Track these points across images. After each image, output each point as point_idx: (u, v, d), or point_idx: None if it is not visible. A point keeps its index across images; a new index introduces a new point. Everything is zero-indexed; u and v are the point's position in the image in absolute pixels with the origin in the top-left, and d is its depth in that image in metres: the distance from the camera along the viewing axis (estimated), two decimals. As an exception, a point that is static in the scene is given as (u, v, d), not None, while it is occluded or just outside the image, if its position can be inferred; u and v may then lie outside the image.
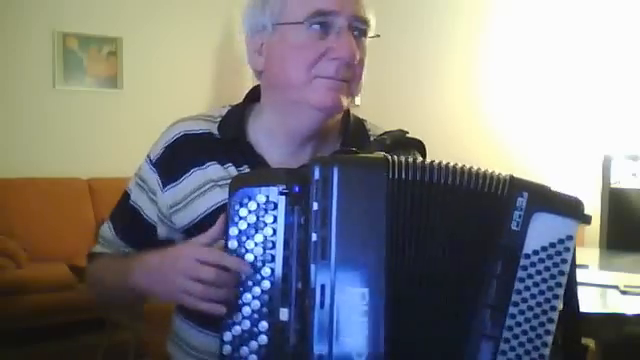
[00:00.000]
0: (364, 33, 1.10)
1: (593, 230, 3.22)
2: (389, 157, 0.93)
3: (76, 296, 3.54)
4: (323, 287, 0.87)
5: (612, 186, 2.97)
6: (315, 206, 0.89)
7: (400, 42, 4.55)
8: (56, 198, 4.41)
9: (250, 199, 0.92)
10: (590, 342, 3.02)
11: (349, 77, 1.08)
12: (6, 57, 4.54)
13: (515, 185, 0.92)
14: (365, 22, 1.09)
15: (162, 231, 1.18)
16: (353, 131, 1.18)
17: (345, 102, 1.09)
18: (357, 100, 5.76)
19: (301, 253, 0.90)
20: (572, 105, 3.64)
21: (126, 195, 1.23)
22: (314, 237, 0.88)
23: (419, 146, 1.19)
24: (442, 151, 1.13)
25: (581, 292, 1.88)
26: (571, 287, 0.96)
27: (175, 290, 0.96)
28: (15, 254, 3.96)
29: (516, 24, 3.93)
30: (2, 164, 4.44)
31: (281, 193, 0.91)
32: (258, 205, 0.92)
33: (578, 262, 2.31)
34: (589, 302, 1.81)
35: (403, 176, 0.91)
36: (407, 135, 1.18)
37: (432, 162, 0.93)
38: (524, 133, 3.86)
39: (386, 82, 4.67)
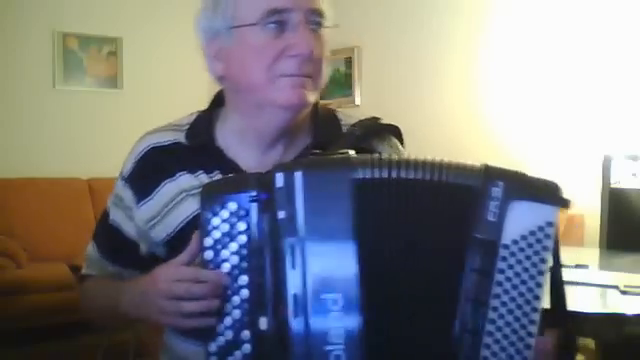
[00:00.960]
0: (321, 25, 1.07)
1: (593, 230, 3.22)
2: (353, 156, 0.91)
3: (76, 296, 3.53)
4: (295, 296, 0.86)
5: (612, 186, 2.96)
6: (282, 214, 0.87)
7: (400, 42, 4.55)
8: (56, 198, 4.42)
9: (222, 207, 0.90)
10: (590, 342, 3.02)
11: (311, 72, 1.06)
12: (6, 57, 4.54)
13: (490, 175, 0.89)
14: (320, 14, 1.06)
15: (144, 247, 1.17)
16: (323, 123, 1.15)
17: (311, 97, 1.07)
18: (357, 100, 5.75)
19: (274, 261, 0.88)
20: (572, 105, 3.64)
21: (106, 214, 1.23)
22: (283, 245, 0.87)
23: (395, 131, 1.17)
24: (442, 151, 1.12)
25: (581, 292, 1.88)
26: (557, 275, 0.94)
27: (155, 312, 0.96)
28: (15, 254, 3.96)
29: (516, 24, 3.93)
30: (2, 164, 4.45)
31: (252, 200, 0.90)
32: (230, 213, 0.90)
33: (578, 262, 2.31)
34: (589, 302, 1.81)
35: (369, 175, 0.89)
36: (380, 121, 1.17)
37: (400, 159, 0.90)
38: (524, 133, 3.85)
39: (386, 82, 4.67)
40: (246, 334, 0.89)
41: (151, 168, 1.14)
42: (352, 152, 0.94)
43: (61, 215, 4.34)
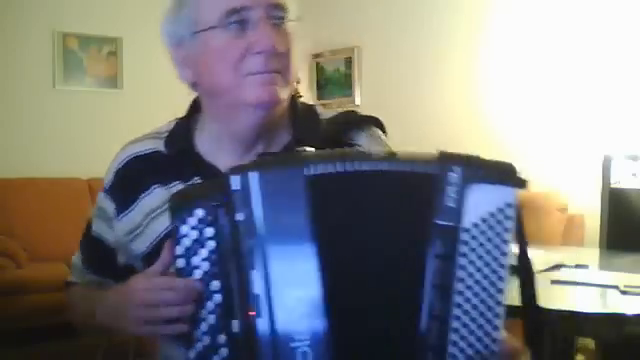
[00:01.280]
0: (284, 20, 1.06)
1: (593, 230, 3.22)
2: (306, 153, 0.91)
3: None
4: (258, 297, 0.87)
5: (612, 186, 2.97)
6: (240, 216, 0.88)
7: (400, 42, 4.55)
8: (56, 198, 4.41)
9: (190, 215, 0.90)
10: (590, 342, 3.02)
11: (279, 67, 1.05)
12: (6, 57, 4.54)
13: (445, 161, 0.89)
14: (282, 8, 1.05)
15: (122, 258, 1.18)
16: (302, 119, 1.15)
17: (283, 94, 1.06)
18: (357, 100, 5.75)
19: (239, 264, 0.89)
20: (572, 105, 3.64)
21: (88, 225, 1.23)
22: (243, 247, 0.88)
23: (376, 122, 1.17)
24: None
25: (581, 292, 1.88)
26: (523, 254, 0.94)
27: (132, 322, 0.97)
28: (15, 254, 3.96)
29: (516, 23, 3.93)
30: (2, 164, 4.44)
31: (218, 205, 0.90)
32: (198, 220, 0.90)
33: (578, 262, 2.30)
34: (589, 302, 1.81)
35: (322, 171, 0.88)
36: (359, 114, 1.17)
37: (353, 152, 0.91)
38: (524, 133, 3.86)
39: (386, 82, 4.67)
40: (222, 338, 0.90)
41: (130, 180, 1.15)
42: (311, 149, 0.93)
43: (61, 215, 4.33)
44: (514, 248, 0.93)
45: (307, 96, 5.08)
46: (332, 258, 0.88)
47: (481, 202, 0.87)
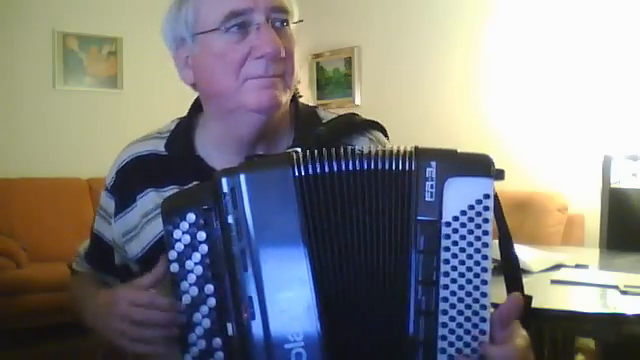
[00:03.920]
0: (286, 22, 1.05)
1: (593, 230, 3.22)
2: (293, 154, 0.91)
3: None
4: (250, 299, 0.88)
5: (612, 186, 2.97)
6: (230, 219, 0.89)
7: (400, 42, 4.55)
8: (56, 198, 4.42)
9: (181, 220, 0.91)
10: (590, 342, 3.02)
11: (280, 72, 1.04)
12: (6, 57, 4.54)
13: (421, 156, 0.90)
14: (284, 11, 1.04)
15: (117, 258, 1.18)
16: (304, 122, 1.14)
17: (283, 98, 1.05)
18: (357, 100, 5.74)
19: (231, 266, 0.90)
20: (572, 105, 3.64)
21: (93, 223, 1.23)
22: (235, 250, 0.89)
23: (377, 127, 1.17)
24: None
25: (581, 292, 1.88)
26: (506, 241, 0.95)
27: (111, 332, 0.98)
28: (15, 254, 3.96)
29: (516, 24, 3.93)
30: (2, 164, 4.45)
31: (208, 208, 0.91)
32: (190, 224, 0.91)
33: (578, 262, 2.30)
34: (589, 302, 1.81)
35: (310, 171, 0.89)
36: (361, 118, 1.17)
37: (337, 151, 0.91)
38: (524, 133, 3.86)
39: (386, 82, 4.67)
40: (218, 342, 0.90)
41: (130, 180, 1.14)
42: (298, 150, 0.93)
43: (61, 215, 4.34)
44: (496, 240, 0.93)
45: (307, 96, 5.08)
46: (321, 258, 0.89)
47: (460, 195, 0.88)
